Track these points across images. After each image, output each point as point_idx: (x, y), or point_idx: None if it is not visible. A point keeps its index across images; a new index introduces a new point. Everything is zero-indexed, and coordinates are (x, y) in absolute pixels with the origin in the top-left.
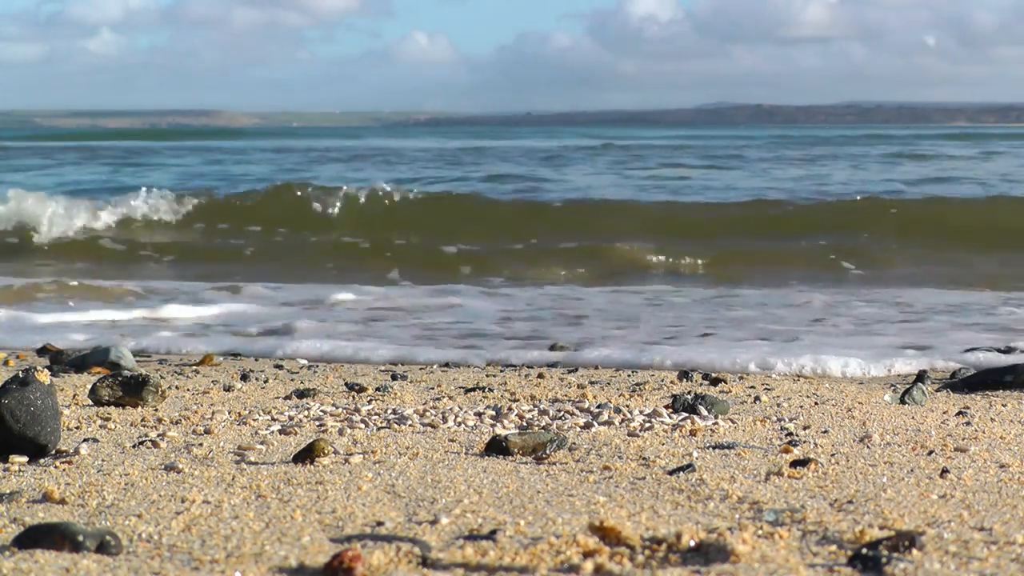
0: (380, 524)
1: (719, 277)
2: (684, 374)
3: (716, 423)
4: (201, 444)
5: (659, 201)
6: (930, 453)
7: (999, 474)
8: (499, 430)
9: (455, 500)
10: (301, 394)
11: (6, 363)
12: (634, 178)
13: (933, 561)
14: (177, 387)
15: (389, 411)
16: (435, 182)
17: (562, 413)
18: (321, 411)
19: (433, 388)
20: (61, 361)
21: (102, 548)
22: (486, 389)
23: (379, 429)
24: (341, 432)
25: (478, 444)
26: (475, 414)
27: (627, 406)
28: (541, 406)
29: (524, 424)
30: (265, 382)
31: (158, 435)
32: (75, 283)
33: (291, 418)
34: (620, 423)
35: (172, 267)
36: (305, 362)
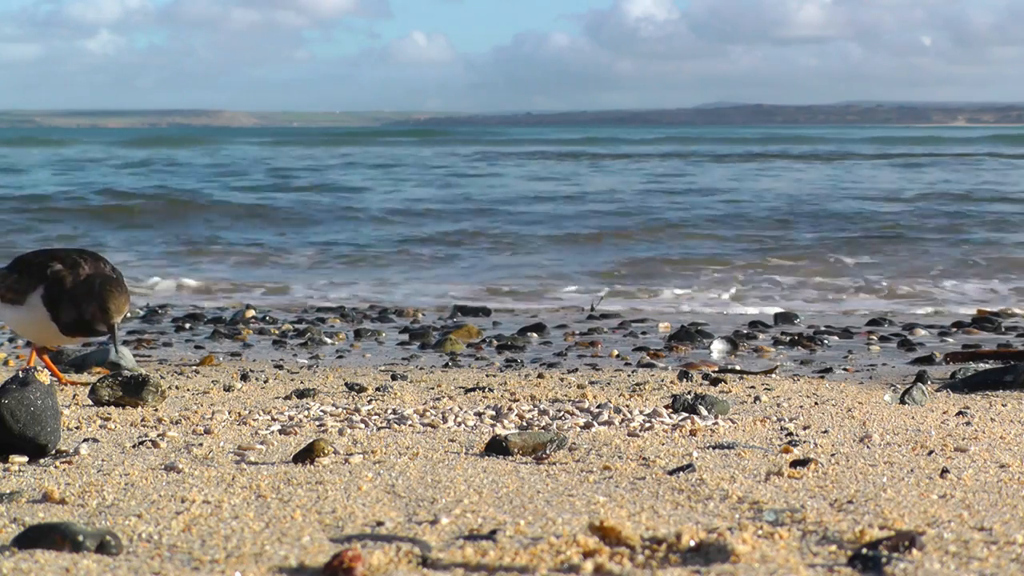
0: (380, 524)
1: None
2: (684, 374)
3: (716, 423)
4: (201, 444)
5: None
6: (930, 453)
7: (999, 474)
8: (499, 430)
9: (455, 500)
10: (301, 394)
11: (6, 363)
12: None
13: (933, 561)
14: (177, 387)
15: (389, 411)
16: None
17: (562, 413)
18: (321, 411)
19: (433, 388)
20: (61, 361)
21: (102, 548)
22: (486, 389)
23: (379, 429)
24: (341, 432)
25: (478, 444)
26: (475, 414)
27: (627, 406)
28: (541, 406)
29: (524, 424)
30: (265, 382)
31: (158, 435)
32: None
33: (291, 418)
34: (620, 423)
35: None
36: (305, 362)
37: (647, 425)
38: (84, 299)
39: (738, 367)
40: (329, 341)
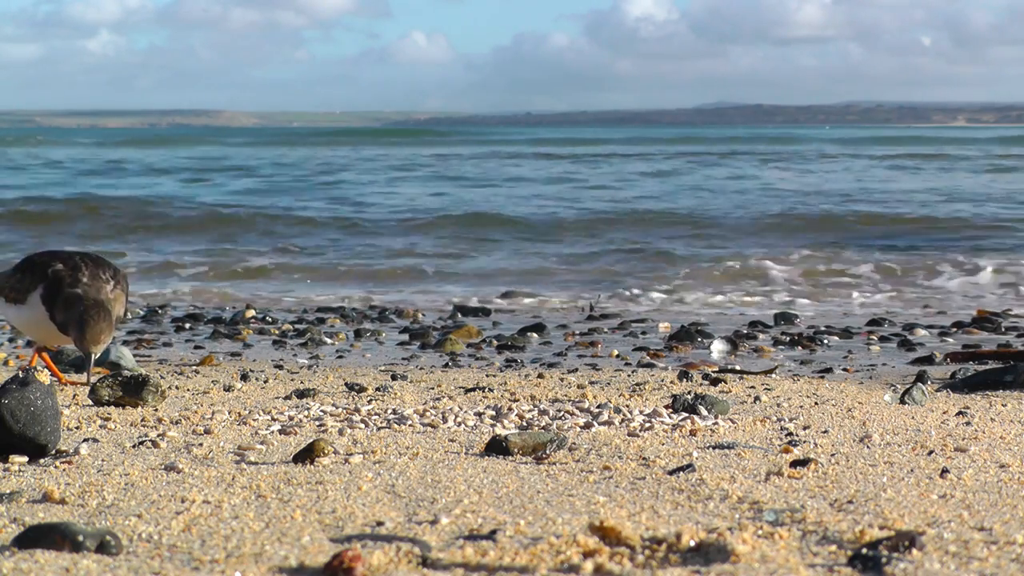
0: (380, 524)
1: None
2: (684, 374)
3: (716, 423)
4: (201, 444)
5: None
6: (930, 453)
7: (999, 474)
8: (499, 430)
9: (455, 500)
10: (301, 394)
11: (6, 363)
12: None
13: (933, 561)
14: (177, 387)
15: (389, 411)
16: None
17: (562, 413)
18: (321, 411)
19: (433, 388)
20: (61, 361)
21: (102, 548)
22: (486, 389)
23: (379, 429)
24: (341, 432)
25: (478, 444)
26: (475, 414)
27: (627, 406)
28: (541, 406)
29: (524, 424)
30: (265, 382)
31: (158, 435)
32: None
33: (291, 418)
34: (620, 423)
35: None
36: (305, 362)
37: (647, 425)
38: (70, 320)
39: (738, 367)
40: (329, 341)
